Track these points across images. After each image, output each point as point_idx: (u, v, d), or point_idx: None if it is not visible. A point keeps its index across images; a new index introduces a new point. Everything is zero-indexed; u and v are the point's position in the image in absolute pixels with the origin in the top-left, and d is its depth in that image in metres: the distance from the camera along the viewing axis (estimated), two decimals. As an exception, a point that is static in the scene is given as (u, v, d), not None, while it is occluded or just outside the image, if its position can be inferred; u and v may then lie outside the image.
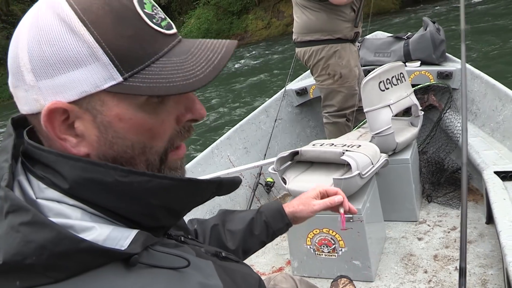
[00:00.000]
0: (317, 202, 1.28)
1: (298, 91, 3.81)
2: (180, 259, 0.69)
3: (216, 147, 3.27)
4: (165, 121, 0.69)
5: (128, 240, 0.64)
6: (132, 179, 0.65)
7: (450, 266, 2.18)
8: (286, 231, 1.31)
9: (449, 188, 2.90)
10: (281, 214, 1.27)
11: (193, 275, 0.69)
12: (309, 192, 1.32)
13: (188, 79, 0.65)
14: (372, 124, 2.39)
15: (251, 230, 1.24)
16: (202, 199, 0.77)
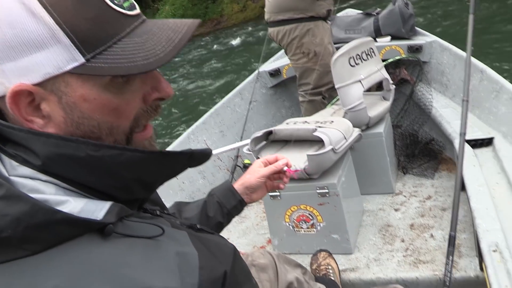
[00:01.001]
0: (263, 168, 1.34)
1: (271, 72, 3.82)
2: (154, 228, 0.71)
3: (192, 132, 3.27)
4: (131, 101, 0.70)
5: (103, 211, 0.65)
6: (104, 153, 0.66)
7: (425, 234, 2.24)
8: (241, 210, 1.34)
9: (424, 159, 2.96)
10: (232, 191, 1.31)
11: (169, 244, 0.71)
12: (253, 165, 1.38)
13: (148, 58, 0.66)
14: (344, 100, 2.41)
15: (206, 213, 1.27)
16: (174, 171, 0.78)
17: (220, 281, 0.78)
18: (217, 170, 3.27)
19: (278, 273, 1.46)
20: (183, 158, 0.76)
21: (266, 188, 1.38)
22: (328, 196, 2.08)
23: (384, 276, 2.04)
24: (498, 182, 2.01)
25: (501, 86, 2.49)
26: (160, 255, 0.68)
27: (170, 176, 0.79)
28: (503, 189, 1.96)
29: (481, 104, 2.68)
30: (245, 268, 0.97)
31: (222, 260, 0.82)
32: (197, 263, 0.72)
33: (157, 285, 0.62)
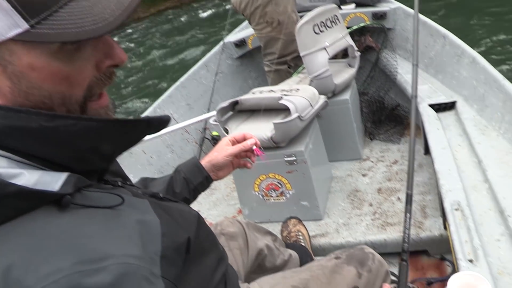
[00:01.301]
0: (230, 147, 1.33)
1: (237, 43, 3.78)
2: (114, 197, 0.69)
3: (158, 106, 3.23)
4: (82, 69, 0.68)
5: (60, 183, 0.63)
6: (58, 123, 0.64)
7: (392, 197, 2.28)
8: (207, 186, 1.34)
9: (390, 124, 3.00)
10: (198, 167, 1.30)
11: (129, 213, 0.70)
12: (220, 142, 1.36)
13: (97, 23, 0.63)
14: (309, 67, 2.41)
15: (172, 189, 1.26)
16: (132, 139, 0.77)
17: (183, 248, 0.78)
18: (185, 143, 3.25)
19: (248, 241, 1.47)
20: (141, 125, 0.75)
21: (232, 166, 1.37)
22: (296, 163, 2.10)
23: (354, 239, 2.08)
24: (460, 144, 2.06)
25: (463, 50, 2.53)
26: (121, 224, 0.67)
27: (129, 145, 0.78)
28: (465, 150, 2.00)
29: (444, 69, 2.72)
30: (210, 236, 0.98)
31: (185, 226, 0.82)
32: (159, 230, 0.71)
33: (118, 253, 0.61)
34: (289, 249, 1.73)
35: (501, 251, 1.40)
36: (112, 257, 0.60)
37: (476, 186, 1.75)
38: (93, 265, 0.58)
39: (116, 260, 0.60)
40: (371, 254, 1.34)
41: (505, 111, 1.98)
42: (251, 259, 1.45)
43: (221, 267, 0.99)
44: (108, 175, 0.88)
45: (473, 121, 2.16)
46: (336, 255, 1.33)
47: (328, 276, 1.22)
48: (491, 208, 1.60)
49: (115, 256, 0.61)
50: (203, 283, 0.90)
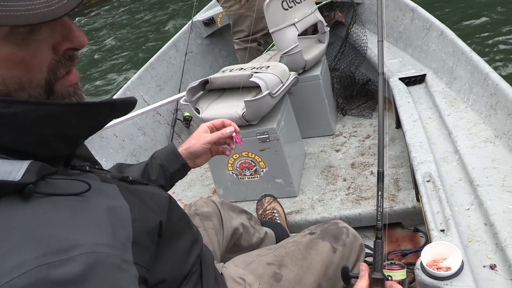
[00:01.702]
0: (208, 135, 1.31)
1: (206, 21, 3.73)
2: (81, 184, 0.67)
3: (128, 88, 3.17)
4: (38, 52, 0.64)
5: (21, 171, 0.61)
6: (16, 109, 0.61)
7: (366, 172, 2.30)
8: (185, 174, 1.32)
9: (362, 99, 3.01)
10: (175, 154, 1.28)
11: (97, 199, 0.68)
12: (198, 129, 1.33)
13: (50, 5, 0.59)
14: (279, 44, 2.39)
15: (148, 176, 1.24)
16: (97, 123, 0.74)
17: (155, 232, 0.77)
18: (157, 125, 3.21)
19: (223, 220, 1.46)
20: (105, 108, 0.72)
21: (210, 153, 1.35)
22: (268, 141, 2.09)
23: (328, 215, 2.10)
24: (430, 117, 2.08)
25: (431, 23, 2.53)
26: (88, 211, 0.65)
27: (94, 129, 0.75)
28: (435, 123, 2.02)
29: (414, 42, 2.72)
30: (183, 217, 0.96)
31: (156, 210, 0.81)
32: (129, 215, 0.70)
33: (86, 242, 0.60)
34: (264, 227, 1.73)
35: (471, 220, 1.42)
36: (80, 246, 0.59)
37: (446, 157, 1.77)
38: (60, 256, 0.56)
39: (85, 250, 0.59)
40: (345, 229, 1.34)
41: (473, 83, 2.00)
42: (226, 239, 1.45)
43: (196, 249, 0.98)
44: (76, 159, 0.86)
45: (443, 94, 2.18)
46: (311, 231, 1.34)
47: (303, 252, 1.23)
48: (461, 179, 1.62)
49: (84, 245, 0.59)
50: (178, 265, 0.89)
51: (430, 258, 1.28)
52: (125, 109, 0.77)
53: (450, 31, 2.34)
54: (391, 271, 1.00)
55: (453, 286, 1.17)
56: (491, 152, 1.66)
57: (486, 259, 1.27)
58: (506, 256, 1.22)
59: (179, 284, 0.90)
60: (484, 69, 1.91)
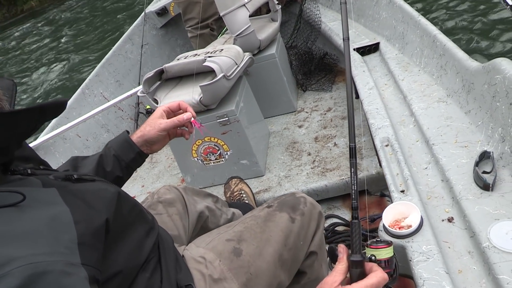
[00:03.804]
0: (164, 121, 1.28)
1: (158, 11, 3.69)
2: (14, 195, 0.66)
3: (86, 87, 3.12)
4: None
5: None
6: None
7: (329, 144, 2.33)
8: (142, 162, 1.30)
9: (320, 74, 3.03)
10: (129, 143, 1.25)
11: (34, 208, 0.67)
12: (154, 114, 1.30)
13: None
14: (231, 26, 2.38)
15: (102, 168, 1.21)
16: (27, 129, 0.73)
17: (102, 230, 0.76)
18: (120, 121, 3.18)
19: (187, 205, 1.47)
20: (33, 114, 0.71)
21: (168, 137, 1.33)
22: (229, 123, 2.09)
23: (296, 189, 2.12)
24: (386, 83, 2.11)
25: None
26: (24, 222, 0.64)
27: (25, 135, 0.74)
28: (391, 88, 2.06)
29: (365, 12, 2.75)
30: (135, 207, 0.96)
31: (101, 208, 0.80)
32: (71, 218, 0.69)
33: (21, 254, 0.59)
34: (232, 208, 1.74)
35: (429, 178, 1.46)
36: (15, 260, 0.58)
37: (403, 121, 1.81)
38: None
39: (20, 263, 0.58)
40: (302, 198, 1.36)
41: (423, 46, 2.04)
42: (192, 223, 1.45)
43: (151, 236, 0.98)
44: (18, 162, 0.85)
45: (396, 60, 2.21)
46: (268, 204, 1.35)
47: (261, 225, 1.24)
48: (418, 140, 1.66)
49: (19, 258, 0.58)
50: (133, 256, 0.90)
51: (392, 219, 1.31)
52: (55, 111, 0.75)
53: None
54: (376, 250, 0.93)
55: (414, 242, 1.21)
56: (444, 111, 1.70)
57: (444, 213, 1.31)
58: (461, 208, 1.26)
59: (136, 273, 0.90)
60: (432, 32, 1.95)
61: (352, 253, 0.91)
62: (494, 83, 1.42)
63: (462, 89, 1.68)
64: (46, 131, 2.74)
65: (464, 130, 1.56)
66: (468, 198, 1.28)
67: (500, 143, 1.38)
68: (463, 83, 1.67)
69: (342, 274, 0.88)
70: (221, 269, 1.13)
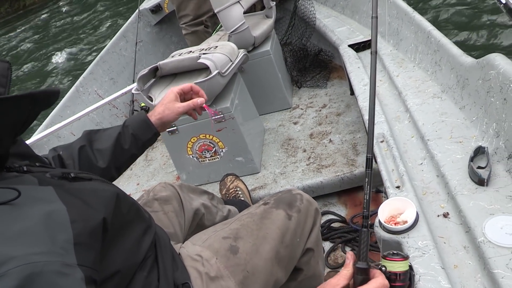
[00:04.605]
0: (181, 105, 1.32)
1: (152, 9, 3.67)
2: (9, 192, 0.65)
3: (80, 85, 3.11)
4: None
5: None
6: None
7: (324, 140, 2.33)
8: (155, 141, 1.32)
9: (315, 70, 3.03)
10: (147, 124, 1.28)
11: (30, 205, 0.66)
12: (168, 96, 1.33)
13: None
14: (225, 23, 2.37)
15: (120, 146, 1.23)
16: (19, 118, 0.72)
17: (99, 229, 0.75)
18: (115, 119, 3.17)
19: (183, 202, 1.46)
20: (25, 102, 0.70)
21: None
22: (224, 120, 2.09)
23: (291, 186, 2.12)
24: (381, 79, 2.11)
25: None
26: (20, 220, 0.63)
27: (18, 126, 0.72)
28: (386, 84, 2.06)
29: (359, 8, 2.75)
30: (133, 206, 0.96)
31: (98, 207, 0.79)
32: (67, 217, 0.68)
33: (19, 253, 0.58)
34: (228, 205, 1.74)
35: (424, 174, 1.47)
36: (12, 259, 0.57)
37: (398, 117, 1.81)
38: None
39: (18, 262, 0.57)
40: (298, 195, 1.36)
41: (418, 42, 2.04)
42: (188, 220, 1.45)
43: (149, 235, 0.98)
44: (13, 159, 0.84)
45: (391, 56, 2.22)
46: (265, 201, 1.35)
47: (258, 222, 1.24)
48: (413, 135, 1.66)
49: (16, 258, 0.57)
50: (131, 255, 0.89)
51: (387, 215, 1.32)
52: (48, 100, 0.74)
53: None
54: (390, 262, 0.92)
55: (410, 237, 1.21)
56: (439, 107, 1.70)
57: (439, 208, 1.31)
58: (456, 203, 1.26)
59: (134, 272, 0.90)
60: (426, 28, 1.95)
61: (358, 260, 0.92)
62: (489, 78, 1.42)
63: (456, 85, 1.68)
64: (40, 129, 2.73)
65: (459, 126, 1.57)
66: (463, 193, 1.28)
67: (494, 138, 1.38)
68: (457, 79, 1.67)
69: (346, 279, 0.89)
70: (218, 267, 1.13)
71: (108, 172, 1.22)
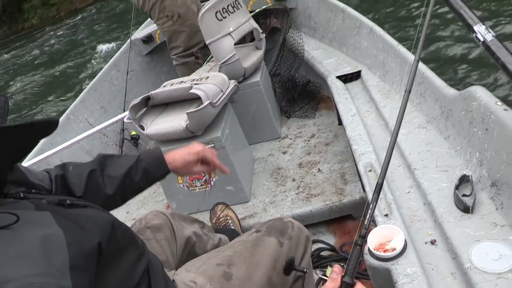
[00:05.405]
0: (198, 170, 1.42)
1: (144, 39, 3.73)
2: (8, 216, 0.67)
3: (71, 112, 3.13)
4: None
5: None
6: None
7: (313, 169, 2.36)
8: (164, 178, 1.36)
9: (304, 101, 3.09)
10: (161, 162, 1.31)
11: (28, 229, 0.68)
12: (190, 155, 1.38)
13: None
14: (216, 54, 2.43)
15: (130, 177, 1.25)
16: (18, 147, 0.73)
17: (95, 253, 0.77)
18: (105, 147, 3.18)
19: (175, 230, 1.48)
20: (24, 131, 0.71)
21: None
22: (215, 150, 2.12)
23: (281, 215, 2.14)
24: (368, 110, 2.17)
25: (361, 22, 2.63)
26: (18, 243, 0.65)
27: (17, 154, 0.74)
28: (373, 115, 2.11)
29: (347, 41, 2.82)
30: (127, 233, 0.98)
31: (94, 232, 0.81)
32: (64, 240, 0.70)
33: (17, 275, 0.60)
34: (218, 234, 1.76)
35: (411, 202, 1.50)
36: (12, 281, 0.58)
37: (385, 146, 1.84)
38: None
39: (16, 283, 0.58)
40: (290, 223, 1.38)
41: (403, 74, 2.10)
42: (180, 248, 1.46)
43: (142, 262, 1.00)
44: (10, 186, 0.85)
45: (377, 87, 2.27)
46: (257, 229, 1.37)
47: (251, 250, 1.26)
48: (400, 165, 1.70)
49: (14, 279, 0.59)
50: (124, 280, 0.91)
51: (376, 242, 1.34)
52: (46, 129, 0.76)
53: (378, 28, 2.44)
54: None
55: (399, 264, 1.23)
56: (424, 137, 1.75)
57: (427, 236, 1.34)
58: (443, 231, 1.29)
59: None
60: (411, 61, 2.01)
61: (345, 275, 0.94)
62: (471, 109, 1.48)
63: (441, 116, 1.73)
64: (30, 156, 2.73)
65: (444, 155, 1.61)
66: (449, 221, 1.32)
67: (478, 167, 1.43)
68: (441, 110, 1.73)
69: None
70: None
71: (113, 200, 1.24)
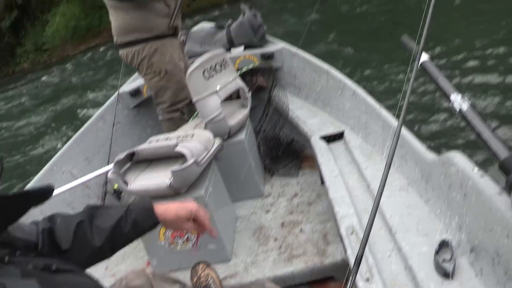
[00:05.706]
0: (188, 227, 1.36)
1: (132, 92, 3.77)
2: None
3: (54, 163, 3.11)
4: None
5: None
6: None
7: (296, 229, 2.36)
8: (154, 228, 1.32)
9: (287, 159, 3.12)
10: (150, 213, 1.28)
11: None
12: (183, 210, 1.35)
13: None
14: (202, 112, 2.47)
15: (120, 228, 1.23)
16: (11, 215, 0.74)
17: None
18: (87, 199, 3.15)
19: (155, 292, 1.45)
20: (19, 201, 0.72)
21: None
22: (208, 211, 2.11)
23: (262, 276, 2.12)
24: (350, 171, 2.20)
25: (344, 84, 2.71)
26: None
27: (9, 222, 0.75)
28: (355, 176, 2.14)
29: (330, 102, 2.89)
30: None
31: None
32: None
33: None
34: (199, 295, 1.73)
35: (392, 265, 1.51)
36: None
37: (366, 208, 1.87)
38: None
39: None
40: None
41: (385, 136, 2.15)
42: (159, 310, 1.44)
43: None
44: None
45: (360, 148, 2.32)
46: None
47: None
48: (381, 227, 1.71)
49: None
50: None
51: (357, 308, 1.34)
52: (41, 197, 0.77)
53: (361, 90, 2.52)
54: None
55: (379, 331, 1.23)
56: (405, 199, 1.78)
57: None
58: None
59: None
60: (392, 124, 2.07)
61: None
62: (449, 174, 1.51)
63: (421, 179, 1.77)
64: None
65: (424, 219, 1.63)
66: (429, 287, 1.32)
67: (457, 231, 1.45)
68: (422, 173, 1.76)
69: None
70: None
71: (101, 251, 1.22)
